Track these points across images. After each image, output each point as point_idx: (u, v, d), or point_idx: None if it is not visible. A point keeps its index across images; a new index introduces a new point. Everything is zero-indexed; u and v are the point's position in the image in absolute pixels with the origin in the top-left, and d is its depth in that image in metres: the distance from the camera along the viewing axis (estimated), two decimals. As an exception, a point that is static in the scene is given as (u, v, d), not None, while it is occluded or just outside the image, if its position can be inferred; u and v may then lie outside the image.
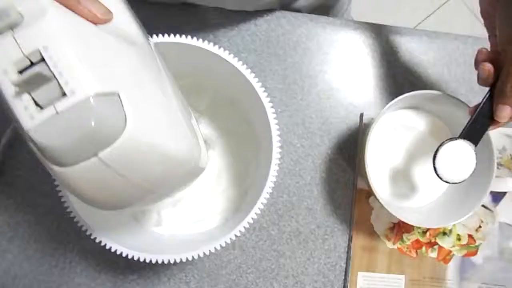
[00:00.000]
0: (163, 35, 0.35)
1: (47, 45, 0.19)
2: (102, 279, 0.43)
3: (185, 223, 0.41)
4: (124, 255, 0.34)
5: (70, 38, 0.20)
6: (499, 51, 0.35)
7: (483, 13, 0.38)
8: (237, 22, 0.47)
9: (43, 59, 0.19)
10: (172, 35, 0.35)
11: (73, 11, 0.21)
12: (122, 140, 0.20)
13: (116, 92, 0.20)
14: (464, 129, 0.37)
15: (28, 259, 0.43)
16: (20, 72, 0.19)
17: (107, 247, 0.34)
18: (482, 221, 0.46)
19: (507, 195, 0.46)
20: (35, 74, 0.19)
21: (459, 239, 0.46)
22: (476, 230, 0.46)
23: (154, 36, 0.35)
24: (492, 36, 0.39)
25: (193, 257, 0.34)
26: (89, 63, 0.20)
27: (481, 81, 0.36)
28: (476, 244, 0.46)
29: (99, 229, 0.34)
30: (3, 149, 0.43)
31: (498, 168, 0.46)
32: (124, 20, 0.26)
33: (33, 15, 0.19)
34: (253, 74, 0.36)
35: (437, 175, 0.37)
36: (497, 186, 0.46)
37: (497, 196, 0.46)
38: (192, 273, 0.44)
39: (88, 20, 0.22)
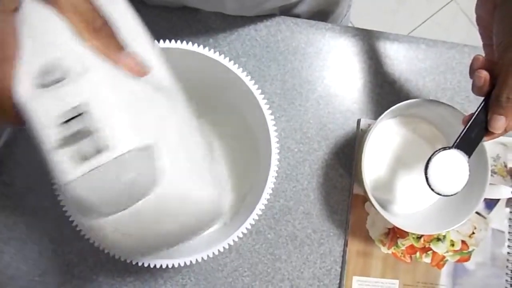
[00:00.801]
0: (164, 41, 0.35)
1: (89, 101, 0.20)
2: (99, 281, 0.43)
3: (183, 227, 0.42)
4: (122, 259, 0.34)
5: (110, 93, 0.20)
6: (494, 61, 0.34)
7: (479, 21, 0.37)
8: (237, 27, 0.47)
9: (84, 114, 0.20)
10: (172, 41, 0.35)
11: (115, 65, 0.22)
12: (156, 193, 0.21)
13: (152, 145, 0.21)
14: (457, 139, 0.35)
15: (25, 260, 0.43)
16: (62, 125, 0.20)
17: (106, 251, 0.34)
18: (475, 228, 0.46)
19: (500, 202, 0.47)
20: (75, 130, 0.19)
21: (452, 245, 0.46)
22: (470, 236, 0.46)
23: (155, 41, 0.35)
24: (486, 45, 0.38)
25: (191, 261, 0.34)
26: (127, 118, 0.20)
27: (476, 89, 0.34)
28: (469, 250, 0.46)
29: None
30: (1, 150, 0.43)
31: (492, 175, 0.46)
32: (157, 67, 0.26)
33: (78, 70, 0.20)
34: (251, 79, 0.36)
35: (429, 185, 0.35)
36: (490, 193, 0.46)
37: (491, 203, 0.47)
38: (188, 275, 0.44)
39: (129, 73, 0.23)
